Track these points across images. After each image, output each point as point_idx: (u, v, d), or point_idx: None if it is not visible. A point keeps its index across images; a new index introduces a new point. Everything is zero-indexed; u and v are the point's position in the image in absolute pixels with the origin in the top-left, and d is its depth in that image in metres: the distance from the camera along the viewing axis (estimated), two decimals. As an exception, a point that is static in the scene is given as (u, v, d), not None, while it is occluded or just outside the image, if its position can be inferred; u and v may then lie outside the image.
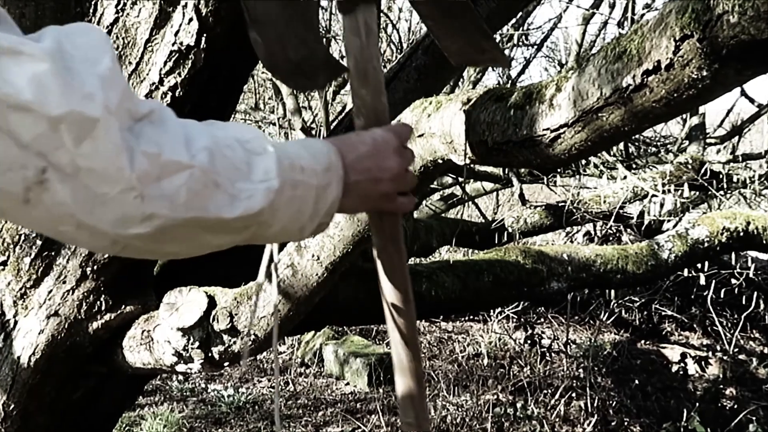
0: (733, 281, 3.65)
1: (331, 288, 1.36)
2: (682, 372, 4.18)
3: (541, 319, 5.47)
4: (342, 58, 0.82)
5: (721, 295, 4.16)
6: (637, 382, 4.21)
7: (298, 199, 0.61)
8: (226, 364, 1.36)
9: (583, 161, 3.96)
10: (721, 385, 4.02)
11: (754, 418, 3.35)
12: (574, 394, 4.02)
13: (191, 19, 1.21)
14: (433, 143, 1.09)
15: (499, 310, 5.23)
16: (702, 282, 3.13)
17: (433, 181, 2.62)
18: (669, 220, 3.75)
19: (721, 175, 3.81)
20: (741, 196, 4.42)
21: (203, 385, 4.39)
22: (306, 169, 0.62)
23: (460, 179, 4.06)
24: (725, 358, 4.42)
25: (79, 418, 1.54)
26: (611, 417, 3.81)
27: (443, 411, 3.84)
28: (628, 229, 4.24)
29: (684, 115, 4.64)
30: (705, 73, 0.69)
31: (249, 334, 1.29)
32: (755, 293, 3.97)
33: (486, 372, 4.50)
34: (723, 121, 5.54)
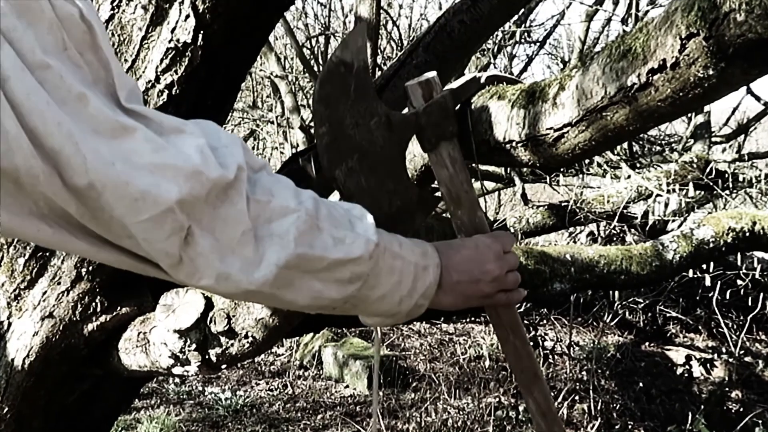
0: (739, 282, 3.64)
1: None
2: (687, 374, 4.18)
3: (544, 321, 5.47)
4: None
5: (727, 297, 4.16)
6: (641, 384, 4.21)
7: (398, 270, 0.70)
8: (224, 366, 1.36)
9: (587, 160, 3.96)
10: (726, 388, 4.02)
11: (760, 422, 3.35)
12: (577, 397, 4.02)
13: (188, 16, 1.21)
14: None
15: (501, 311, 5.21)
16: (707, 283, 3.13)
17: (433, 181, 2.61)
18: (674, 220, 3.75)
19: (726, 175, 3.82)
20: (747, 195, 4.42)
21: (200, 388, 4.39)
22: (404, 245, 0.72)
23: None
24: (731, 360, 4.42)
25: (74, 422, 1.54)
26: (615, 420, 3.80)
27: (444, 414, 3.84)
28: (632, 230, 4.24)
29: (689, 114, 4.64)
30: (711, 72, 0.69)
31: (247, 336, 1.29)
32: (761, 294, 3.96)
33: (488, 374, 4.50)
34: (728, 119, 5.54)
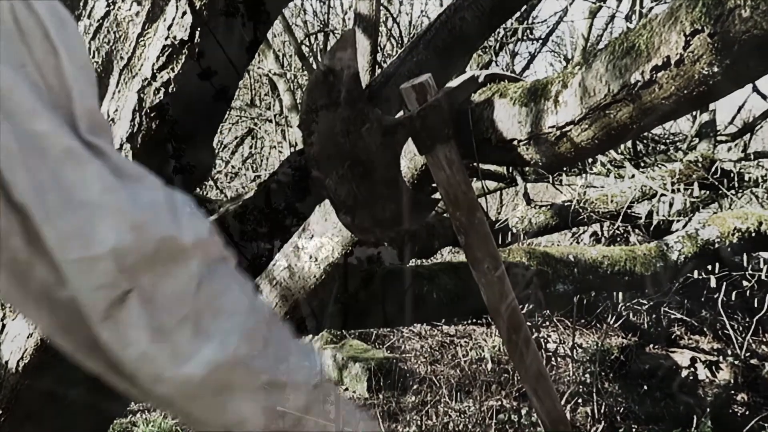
0: (745, 283, 3.64)
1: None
2: (692, 377, 4.18)
3: (547, 323, 5.47)
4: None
5: (732, 298, 4.16)
6: (645, 387, 4.21)
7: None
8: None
9: (590, 159, 3.96)
10: (732, 391, 4.02)
11: (766, 425, 3.35)
12: (580, 400, 4.02)
13: (185, 13, 1.21)
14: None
15: (503, 313, 5.22)
16: (713, 284, 3.13)
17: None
18: (678, 221, 3.75)
19: (732, 174, 3.81)
20: (753, 195, 4.41)
21: (197, 391, 4.39)
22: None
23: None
24: (736, 362, 4.42)
25: (69, 425, 1.53)
26: (619, 424, 3.80)
27: (445, 417, 3.84)
28: (636, 230, 4.24)
29: (694, 112, 4.64)
30: (716, 69, 0.69)
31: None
32: (767, 296, 3.96)
33: (489, 377, 4.50)
34: (734, 118, 5.54)
